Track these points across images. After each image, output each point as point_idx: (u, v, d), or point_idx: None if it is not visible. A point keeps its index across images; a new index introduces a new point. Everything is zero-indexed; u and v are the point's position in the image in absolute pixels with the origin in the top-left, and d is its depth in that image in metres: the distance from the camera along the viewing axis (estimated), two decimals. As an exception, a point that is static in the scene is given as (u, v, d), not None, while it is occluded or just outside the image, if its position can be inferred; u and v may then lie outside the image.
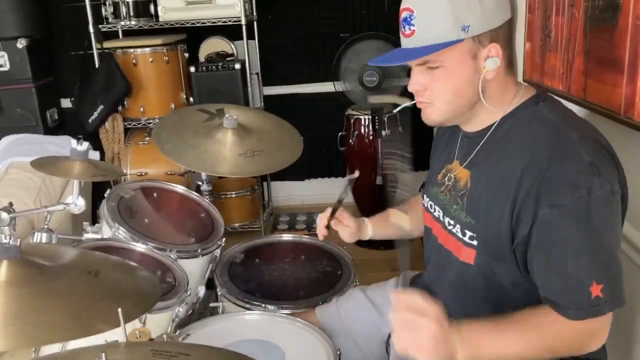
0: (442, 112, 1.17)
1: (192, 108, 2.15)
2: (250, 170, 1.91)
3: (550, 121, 1.12)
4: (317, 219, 1.60)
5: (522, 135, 1.12)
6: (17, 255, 0.96)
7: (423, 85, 1.15)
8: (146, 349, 0.88)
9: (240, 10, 3.14)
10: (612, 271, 1.05)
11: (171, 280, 1.55)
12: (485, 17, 1.08)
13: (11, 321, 0.87)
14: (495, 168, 1.14)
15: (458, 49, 1.09)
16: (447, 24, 1.07)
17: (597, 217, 1.03)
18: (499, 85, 1.15)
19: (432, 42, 1.08)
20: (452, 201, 1.23)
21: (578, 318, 1.05)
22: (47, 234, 1.61)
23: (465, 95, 1.14)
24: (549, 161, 1.06)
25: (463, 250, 1.19)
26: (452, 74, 1.12)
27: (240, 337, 1.38)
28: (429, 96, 1.16)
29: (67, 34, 3.59)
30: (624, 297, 1.07)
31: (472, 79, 1.12)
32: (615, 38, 1.38)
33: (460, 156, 1.25)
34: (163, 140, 1.86)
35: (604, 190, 1.03)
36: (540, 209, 1.06)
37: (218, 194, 3.37)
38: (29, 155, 2.26)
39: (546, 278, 1.08)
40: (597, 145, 1.09)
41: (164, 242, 1.66)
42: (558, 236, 1.05)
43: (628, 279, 1.42)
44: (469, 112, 1.18)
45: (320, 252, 1.86)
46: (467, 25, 1.07)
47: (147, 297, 1.04)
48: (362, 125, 3.46)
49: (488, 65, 1.10)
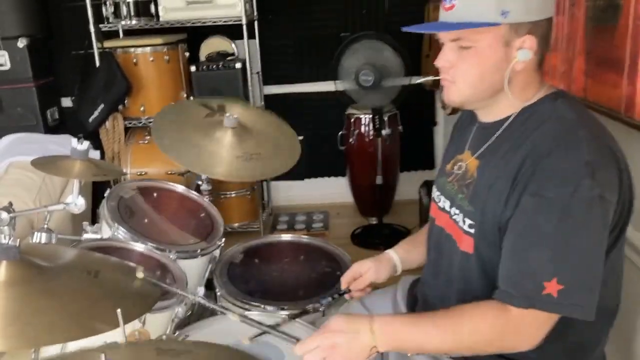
0: (463, 93, 1.16)
1: (194, 102, 2.13)
2: (246, 175, 1.90)
3: (564, 117, 1.11)
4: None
5: (536, 129, 1.11)
6: (16, 256, 0.96)
7: (450, 62, 1.14)
8: (150, 347, 0.88)
9: (240, 10, 3.13)
10: (579, 277, 1.02)
11: (170, 280, 1.54)
12: (528, 7, 1.08)
13: (11, 322, 0.87)
14: (502, 158, 1.14)
15: (492, 32, 1.08)
16: (488, 4, 1.06)
17: (575, 218, 1.01)
18: (526, 79, 1.14)
19: (469, 20, 1.08)
20: (459, 191, 1.23)
21: (520, 305, 1.03)
22: (47, 234, 1.60)
23: (489, 81, 1.13)
24: (548, 152, 1.05)
25: (463, 239, 1.20)
26: (481, 56, 1.11)
27: (239, 338, 1.37)
28: (454, 74, 1.15)
29: (67, 33, 3.59)
30: (591, 309, 1.02)
31: (499, 65, 1.11)
32: (616, 38, 1.38)
33: (473, 146, 1.24)
34: (162, 135, 1.85)
35: (591, 193, 1.01)
36: (524, 195, 1.06)
37: (218, 194, 3.37)
38: (29, 155, 2.25)
39: (506, 263, 1.08)
40: (605, 149, 1.08)
41: (163, 242, 1.66)
42: (531, 225, 1.05)
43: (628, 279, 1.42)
44: (490, 100, 1.17)
45: (320, 253, 1.86)
46: (507, 11, 1.06)
47: (147, 298, 1.04)
48: (362, 124, 3.47)
49: (520, 55, 1.10)
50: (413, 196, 3.49)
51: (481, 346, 1.08)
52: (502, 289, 1.07)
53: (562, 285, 1.00)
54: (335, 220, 3.72)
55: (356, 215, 3.75)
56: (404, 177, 3.77)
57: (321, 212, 3.78)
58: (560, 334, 1.08)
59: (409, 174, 3.83)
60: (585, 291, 1.02)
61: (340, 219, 3.74)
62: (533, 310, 1.03)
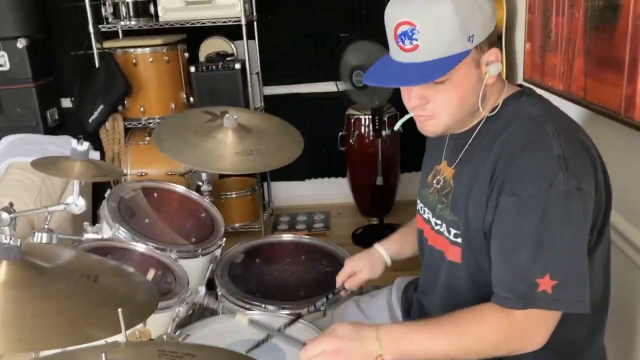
0: (445, 123, 1.14)
1: (197, 110, 2.15)
2: (246, 167, 1.91)
3: (530, 114, 1.12)
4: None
5: (504, 129, 1.12)
6: (17, 256, 0.96)
7: (426, 99, 1.11)
8: (153, 349, 0.87)
9: (240, 11, 3.14)
10: (570, 271, 1.02)
11: (171, 280, 1.54)
12: (485, 23, 1.07)
13: (9, 324, 0.87)
14: (476, 163, 1.14)
15: (464, 60, 1.06)
16: (455, 35, 1.03)
17: (555, 212, 1.01)
18: (491, 87, 1.15)
19: (439, 56, 1.04)
20: (438, 201, 1.24)
21: (517, 307, 1.03)
22: (48, 234, 1.60)
23: (469, 104, 1.12)
24: (519, 151, 1.06)
25: (450, 249, 1.20)
26: (458, 86, 1.09)
27: (240, 338, 1.37)
28: (432, 109, 1.12)
29: (67, 34, 3.59)
30: (586, 302, 1.03)
31: (475, 87, 1.11)
32: (615, 38, 1.38)
33: (448, 156, 1.25)
34: (162, 139, 1.86)
35: (567, 186, 1.01)
36: (502, 197, 1.06)
37: (218, 194, 3.37)
38: (29, 156, 2.26)
39: (497, 266, 1.08)
40: (576, 142, 1.08)
41: (164, 242, 1.66)
42: (513, 226, 1.05)
43: (627, 278, 1.42)
44: (469, 119, 1.17)
45: (321, 253, 1.86)
46: (472, 35, 1.04)
47: (146, 305, 1.03)
48: (363, 125, 3.47)
49: (491, 70, 1.10)
50: (414, 196, 3.46)
51: (488, 350, 1.08)
52: (498, 294, 1.07)
53: (555, 280, 1.01)
54: (336, 221, 3.72)
55: (357, 215, 3.75)
56: (404, 178, 3.77)
57: (322, 213, 3.78)
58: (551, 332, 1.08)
59: (410, 174, 3.83)
60: (578, 284, 1.03)
61: (341, 219, 3.74)
62: (533, 310, 1.03)
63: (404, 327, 1.13)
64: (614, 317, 1.23)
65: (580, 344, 1.20)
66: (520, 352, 1.08)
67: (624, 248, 1.45)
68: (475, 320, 1.08)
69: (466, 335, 1.07)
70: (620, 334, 1.46)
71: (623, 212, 1.43)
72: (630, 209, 1.42)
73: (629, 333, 1.47)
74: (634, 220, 1.43)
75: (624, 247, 1.45)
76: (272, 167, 1.91)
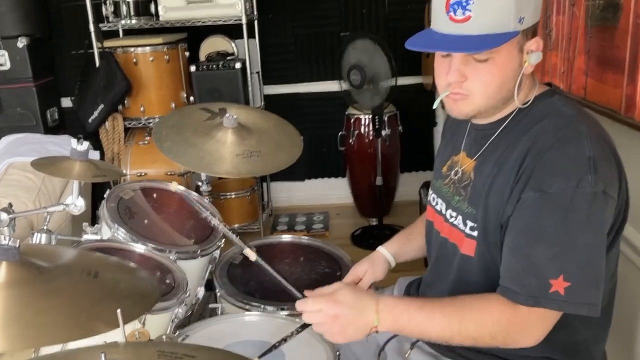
0: (478, 105, 1.11)
1: (195, 106, 2.14)
2: (247, 171, 1.90)
3: (563, 113, 1.11)
4: None
5: (535, 125, 1.10)
6: (16, 256, 0.96)
7: (464, 76, 1.08)
8: (152, 349, 0.87)
9: (240, 10, 3.13)
10: (585, 274, 1.01)
11: (170, 281, 1.54)
12: (535, 10, 1.06)
13: (11, 322, 0.87)
14: (501, 156, 1.12)
15: (510, 42, 1.04)
16: (509, 13, 1.01)
17: (579, 213, 1.00)
18: (526, 79, 1.13)
19: (490, 31, 1.01)
20: (455, 192, 1.22)
21: (527, 304, 1.02)
22: (47, 235, 1.60)
23: (507, 89, 1.10)
24: (550, 146, 1.04)
25: (465, 242, 1.18)
26: (500, 67, 1.06)
27: (239, 338, 1.37)
28: (469, 88, 1.09)
29: (67, 33, 3.59)
30: (597, 306, 1.02)
31: (516, 72, 1.09)
32: (616, 38, 1.38)
33: (468, 147, 1.23)
34: (162, 138, 1.86)
35: (594, 189, 1.00)
36: (526, 191, 1.05)
37: (217, 195, 3.37)
38: (29, 156, 2.26)
39: (509, 260, 1.07)
40: (605, 146, 1.07)
41: (163, 243, 1.66)
42: (534, 221, 1.04)
43: (628, 279, 1.42)
44: (502, 106, 1.14)
45: (320, 253, 1.85)
46: (523, 17, 1.03)
47: (147, 297, 1.04)
48: (362, 124, 3.46)
49: (531, 59, 1.08)
50: (413, 197, 3.48)
51: (485, 339, 1.07)
52: (506, 286, 1.06)
53: (569, 282, 1.00)
54: (336, 221, 3.72)
55: (356, 216, 3.74)
56: (404, 178, 3.76)
57: (321, 213, 3.78)
58: (554, 333, 1.07)
59: (409, 174, 3.83)
60: (592, 287, 1.02)
61: (341, 220, 3.73)
62: (540, 308, 1.02)
63: (405, 303, 1.11)
64: (614, 319, 1.22)
65: (587, 345, 1.19)
66: (514, 346, 1.07)
67: (624, 249, 1.45)
68: (479, 307, 1.07)
69: (466, 321, 1.06)
70: (621, 337, 1.46)
71: (623, 212, 1.43)
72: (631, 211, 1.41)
73: (629, 336, 1.47)
74: (635, 222, 1.43)
75: (623, 249, 1.45)
76: (272, 170, 1.90)
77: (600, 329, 1.20)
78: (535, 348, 1.07)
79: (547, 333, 1.06)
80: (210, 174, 2.01)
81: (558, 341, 1.12)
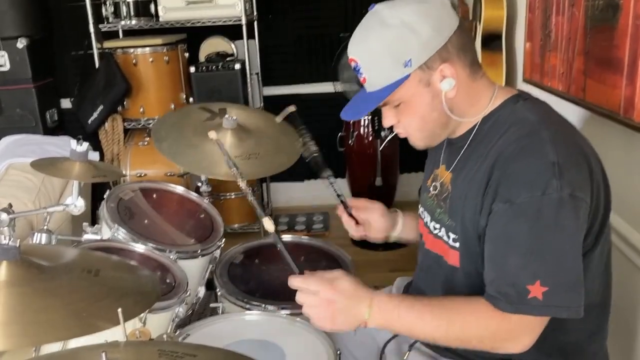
0: (419, 138, 1.20)
1: (194, 106, 2.14)
2: (247, 173, 1.90)
3: (527, 120, 1.11)
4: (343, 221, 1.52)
5: (500, 135, 1.12)
6: (16, 256, 0.96)
7: (394, 120, 1.19)
8: (153, 348, 0.87)
9: (240, 10, 3.14)
10: (561, 278, 1.03)
11: (171, 280, 1.54)
12: (425, 44, 1.08)
13: (12, 321, 0.87)
14: (472, 168, 1.15)
15: (408, 83, 1.10)
16: (387, 65, 1.09)
17: (547, 219, 1.01)
18: (467, 93, 1.15)
19: (382, 86, 1.11)
20: (437, 205, 1.25)
21: (508, 311, 1.04)
22: (47, 235, 1.60)
23: (432, 120, 1.16)
24: (514, 157, 1.06)
25: (450, 254, 1.21)
26: (412, 106, 1.14)
27: (240, 338, 1.37)
28: (403, 127, 1.19)
29: (67, 33, 3.60)
30: (577, 308, 1.03)
31: (433, 104, 1.13)
32: (615, 38, 1.38)
33: (446, 161, 1.26)
34: (161, 138, 1.86)
35: (560, 194, 1.01)
36: (495, 202, 1.06)
37: (217, 195, 3.37)
38: (29, 156, 2.26)
39: (487, 269, 1.09)
40: (572, 148, 1.08)
41: (163, 242, 1.66)
42: (505, 232, 1.05)
43: (628, 279, 1.42)
44: (447, 129, 1.19)
45: (320, 253, 1.86)
46: (409, 60, 1.08)
47: (148, 295, 1.04)
48: (362, 125, 3.46)
49: (444, 86, 1.11)
50: (413, 197, 3.48)
51: (473, 342, 1.09)
52: (489, 294, 1.08)
53: (546, 286, 1.01)
54: (336, 221, 3.71)
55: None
56: (403, 179, 3.77)
57: (321, 213, 3.78)
58: (549, 334, 1.08)
59: (409, 175, 3.83)
60: (569, 290, 1.03)
61: (341, 220, 3.73)
62: (523, 315, 1.04)
63: (396, 301, 1.13)
64: (614, 319, 1.22)
65: (582, 344, 1.20)
66: (502, 351, 1.08)
67: (623, 249, 1.45)
68: (467, 310, 1.09)
69: (455, 323, 1.08)
70: (621, 336, 1.46)
71: (622, 213, 1.43)
72: (629, 210, 1.41)
73: (630, 334, 1.47)
74: (633, 221, 1.43)
75: (623, 248, 1.45)
76: (271, 172, 1.90)
77: (596, 328, 1.20)
78: (533, 350, 1.08)
79: (537, 338, 1.06)
80: (209, 176, 2.01)
81: (555, 342, 1.13)
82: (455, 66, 1.11)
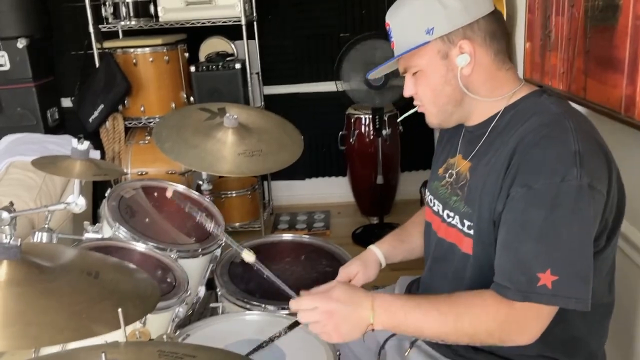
0: (433, 114, 1.23)
1: (194, 107, 2.14)
2: (249, 170, 1.90)
3: (550, 110, 1.12)
4: None
5: (522, 123, 1.12)
6: (17, 255, 0.96)
7: (412, 90, 1.23)
8: (153, 349, 0.87)
9: (240, 11, 3.14)
10: (572, 268, 1.02)
11: (171, 280, 1.55)
12: (450, 17, 1.12)
13: (11, 321, 0.87)
14: (493, 156, 1.15)
15: (427, 51, 1.15)
16: (412, 30, 1.15)
17: (564, 207, 1.01)
18: (486, 78, 1.16)
19: (406, 48, 1.16)
20: (452, 193, 1.24)
21: (516, 299, 1.03)
22: (48, 234, 1.61)
23: (445, 94, 1.18)
24: (536, 143, 1.06)
25: (464, 241, 1.20)
26: (427, 75, 1.18)
27: (240, 338, 1.37)
28: (419, 98, 1.23)
29: (67, 33, 3.60)
30: (585, 300, 1.02)
31: (446, 77, 1.16)
32: (615, 38, 1.38)
33: (463, 149, 1.26)
34: (163, 138, 1.86)
35: (579, 182, 1.01)
36: (514, 187, 1.06)
37: (218, 194, 3.38)
38: (30, 155, 2.26)
39: (500, 256, 1.08)
40: (593, 142, 1.08)
41: (164, 241, 1.67)
42: (521, 217, 1.05)
43: (628, 279, 1.43)
44: (461, 109, 1.20)
45: (321, 252, 1.86)
46: (432, 28, 1.13)
47: (147, 300, 1.04)
48: (363, 124, 3.47)
49: (459, 61, 1.14)
50: (414, 195, 3.50)
51: (481, 336, 1.08)
52: (498, 282, 1.07)
53: (556, 275, 1.00)
54: (336, 220, 3.73)
55: (357, 214, 3.75)
56: (404, 177, 3.77)
57: (322, 212, 3.79)
58: (552, 329, 1.07)
59: (410, 173, 3.83)
60: (579, 281, 1.02)
61: (342, 219, 3.74)
62: (531, 303, 1.03)
63: (401, 301, 1.12)
64: (614, 318, 1.22)
65: (584, 342, 1.20)
66: (512, 343, 1.08)
67: (624, 248, 1.45)
68: (474, 304, 1.08)
69: (463, 318, 1.07)
70: (620, 336, 1.46)
71: (623, 212, 1.43)
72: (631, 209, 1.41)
73: (629, 335, 1.47)
74: (635, 221, 1.43)
75: (624, 247, 1.45)
76: (275, 168, 1.90)
77: (599, 325, 1.20)
78: (533, 345, 1.07)
79: (544, 330, 1.06)
80: (213, 173, 2.01)
81: (556, 337, 1.12)
82: (475, 46, 1.13)
